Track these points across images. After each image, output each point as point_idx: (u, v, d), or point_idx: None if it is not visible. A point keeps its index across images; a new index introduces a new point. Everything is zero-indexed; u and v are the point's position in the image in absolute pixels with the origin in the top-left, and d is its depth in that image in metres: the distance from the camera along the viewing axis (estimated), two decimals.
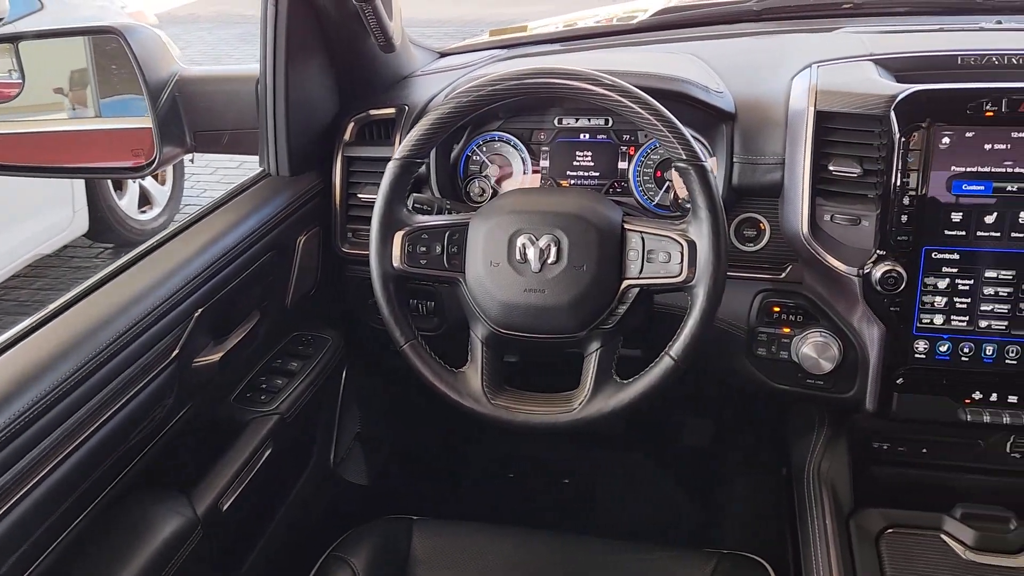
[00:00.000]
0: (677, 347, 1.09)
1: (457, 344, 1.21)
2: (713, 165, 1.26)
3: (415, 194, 1.34)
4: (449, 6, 9.23)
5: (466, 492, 1.93)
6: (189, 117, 1.38)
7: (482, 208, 1.18)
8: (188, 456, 1.23)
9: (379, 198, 1.16)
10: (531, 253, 1.11)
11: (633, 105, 1.08)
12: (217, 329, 1.21)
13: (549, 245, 1.11)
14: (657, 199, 1.36)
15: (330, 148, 1.43)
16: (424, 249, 1.15)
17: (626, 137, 1.37)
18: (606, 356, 1.14)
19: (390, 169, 1.16)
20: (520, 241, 1.12)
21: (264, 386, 1.36)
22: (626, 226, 1.13)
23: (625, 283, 1.12)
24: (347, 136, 1.43)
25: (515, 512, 1.83)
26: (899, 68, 1.24)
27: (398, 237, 1.16)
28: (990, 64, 1.21)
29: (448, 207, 1.33)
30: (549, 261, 1.11)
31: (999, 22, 1.47)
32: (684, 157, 1.08)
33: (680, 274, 1.09)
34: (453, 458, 1.99)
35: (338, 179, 1.42)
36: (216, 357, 1.19)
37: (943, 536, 1.14)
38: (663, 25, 1.71)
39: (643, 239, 1.12)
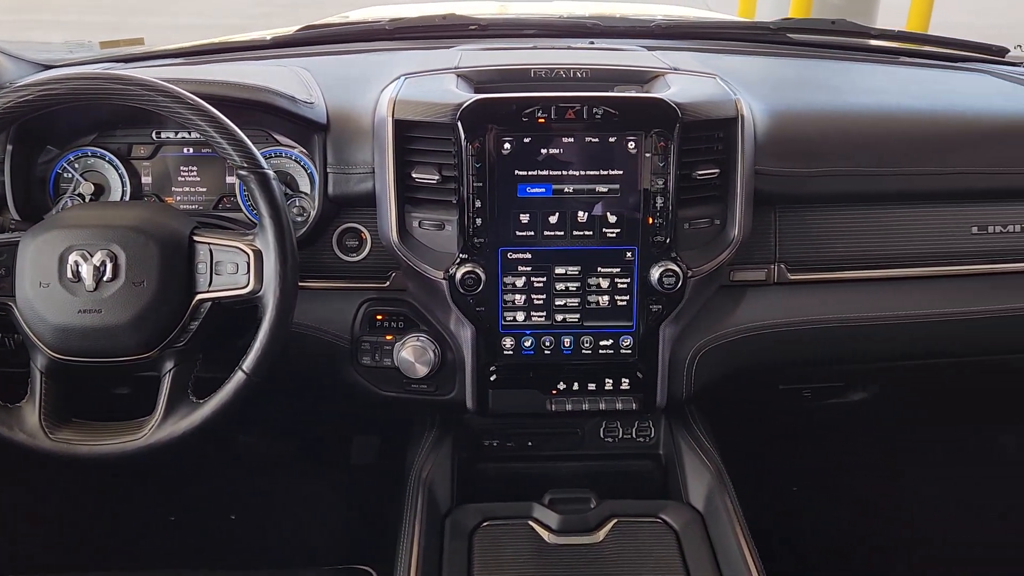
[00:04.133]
0: (250, 361, 1.06)
1: None
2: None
3: None
4: None
5: (122, 538, 1.78)
6: None
7: (35, 226, 1.09)
8: None
9: None
10: (84, 270, 1.04)
11: (184, 111, 1.05)
12: None
13: (104, 261, 1.04)
14: None
15: None
16: None
17: None
18: (181, 376, 1.09)
19: None
20: (72, 258, 1.04)
21: None
22: (195, 238, 1.09)
23: (196, 298, 1.08)
24: None
25: (186, 552, 1.72)
26: (479, 80, 1.30)
27: None
28: (557, 77, 1.30)
29: (12, 226, 1.22)
30: (105, 279, 1.04)
31: (592, 42, 1.60)
32: (243, 164, 1.05)
33: (247, 285, 1.06)
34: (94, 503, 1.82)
35: None
36: None
37: (531, 523, 1.19)
38: (301, 41, 1.70)
39: (211, 251, 1.08)
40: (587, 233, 1.21)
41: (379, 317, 1.28)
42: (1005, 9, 9.39)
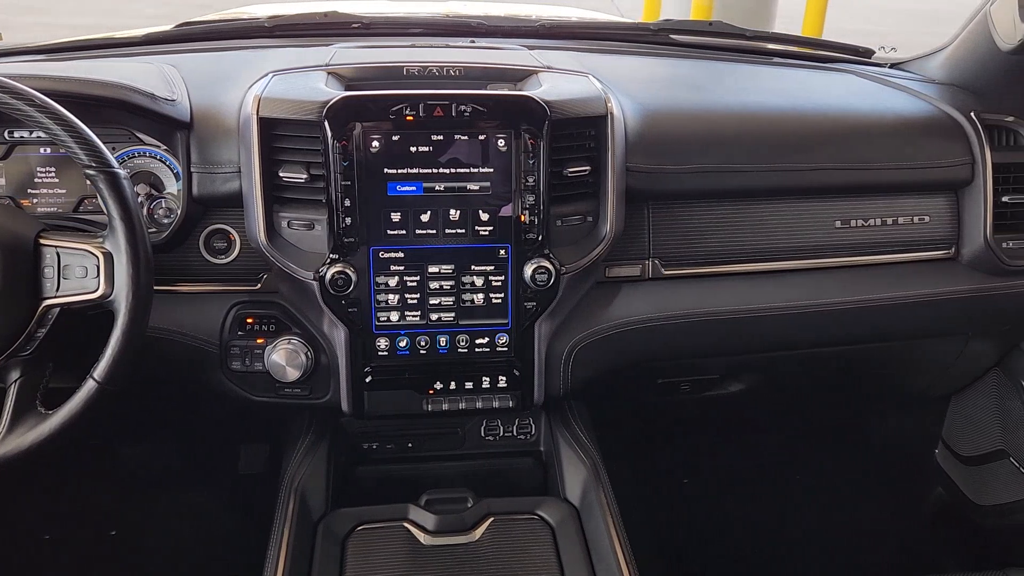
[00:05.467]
0: (101, 368, 1.02)
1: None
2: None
3: None
4: None
5: None
6: None
7: None
8: None
9: None
10: None
11: (26, 108, 1.00)
12: None
13: None
14: None
15: None
16: None
17: None
18: (27, 386, 1.04)
19: None
20: None
21: None
22: (41, 241, 1.04)
23: (43, 304, 1.03)
24: None
25: (63, 572, 1.64)
26: (351, 78, 1.28)
27: None
28: (430, 74, 1.30)
29: None
30: None
31: (472, 41, 1.60)
32: (90, 163, 1.01)
33: (97, 289, 1.02)
34: None
35: None
36: None
37: (407, 525, 1.18)
38: (177, 38, 1.65)
39: (59, 254, 1.03)
40: (460, 231, 1.20)
41: (249, 320, 1.25)
42: (903, 19, 9.86)
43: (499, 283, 1.22)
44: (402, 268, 1.20)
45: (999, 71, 1.43)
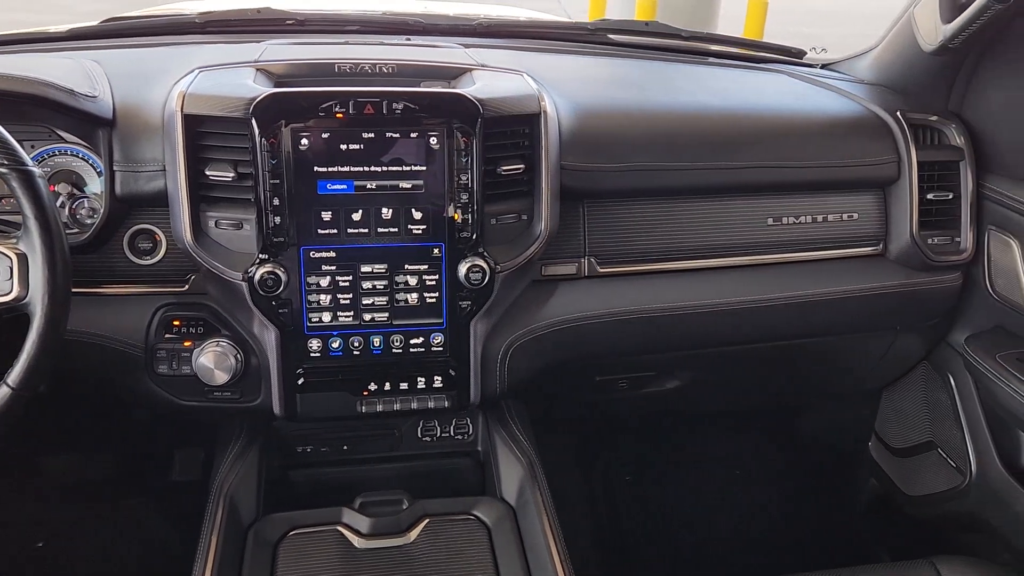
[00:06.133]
0: (16, 375, 0.98)
1: None
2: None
3: None
4: None
5: None
6: None
7: None
8: None
9: None
10: None
11: None
12: None
13: None
14: None
15: None
16: None
17: None
18: None
19: None
20: None
21: None
22: None
23: None
24: None
25: None
26: (281, 74, 1.26)
27: None
28: (362, 72, 1.28)
29: None
30: None
31: (408, 39, 1.59)
32: (2, 161, 0.97)
33: (10, 292, 0.98)
34: None
35: None
36: None
37: (340, 529, 1.16)
38: (103, 34, 1.60)
39: None
40: (392, 230, 1.19)
41: (176, 323, 1.22)
42: (842, 20, 10.10)
43: (433, 282, 1.21)
44: (334, 268, 1.18)
45: (923, 72, 1.46)
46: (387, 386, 1.24)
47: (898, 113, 1.44)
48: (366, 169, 1.16)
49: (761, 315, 1.40)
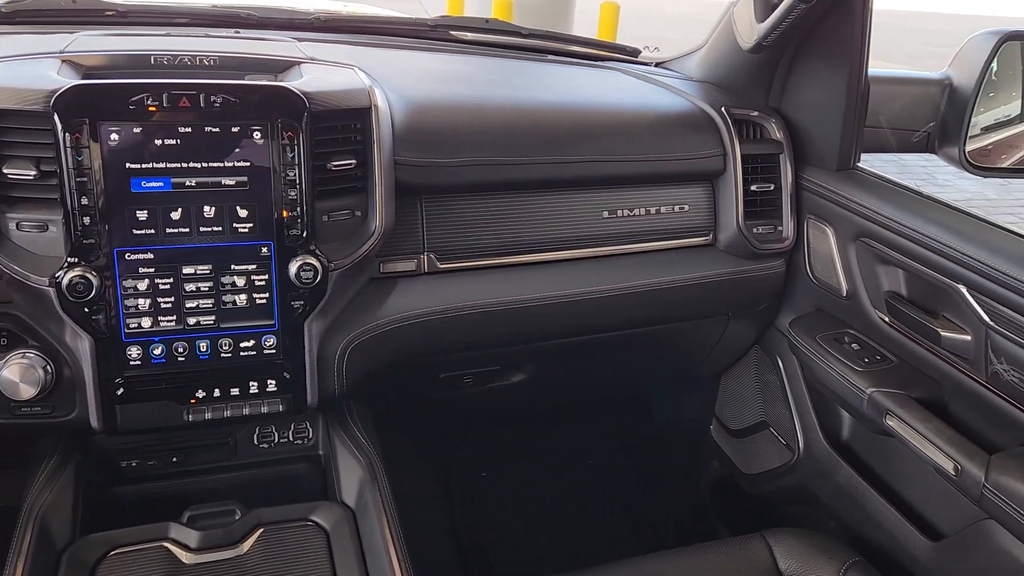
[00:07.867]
0: None
1: None
2: None
3: None
4: None
5: None
6: None
7: None
8: None
9: None
10: None
11: None
12: None
13: None
14: None
15: None
16: None
17: None
18: None
19: None
20: None
21: None
22: None
23: None
24: None
25: None
26: (90, 66, 1.18)
27: None
28: (182, 64, 1.22)
29: None
30: None
31: (238, 32, 1.53)
32: None
33: None
34: None
35: None
36: None
37: (167, 545, 1.10)
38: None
39: None
40: (216, 229, 1.13)
41: None
42: (693, 24, 10.58)
43: (263, 282, 1.17)
44: (152, 270, 1.12)
45: (743, 69, 1.54)
46: (217, 392, 1.19)
47: (723, 108, 1.50)
48: (184, 165, 1.10)
49: (600, 307, 1.44)
